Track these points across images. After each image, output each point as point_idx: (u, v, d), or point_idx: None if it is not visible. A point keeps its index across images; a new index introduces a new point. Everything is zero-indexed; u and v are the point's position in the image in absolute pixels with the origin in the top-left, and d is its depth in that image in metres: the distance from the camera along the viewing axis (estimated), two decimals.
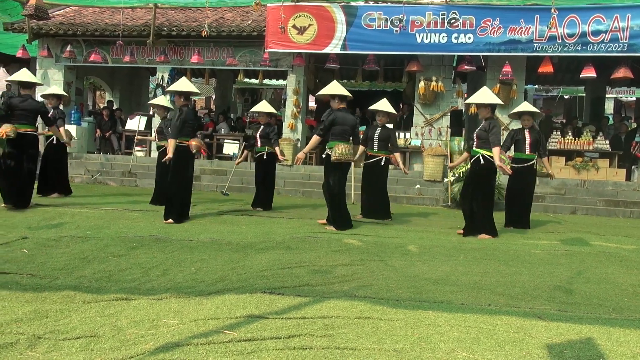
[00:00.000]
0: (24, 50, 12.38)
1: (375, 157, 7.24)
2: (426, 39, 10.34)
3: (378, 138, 7.21)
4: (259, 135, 7.93)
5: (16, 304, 3.10)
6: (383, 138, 7.22)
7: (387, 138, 7.25)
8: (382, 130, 7.26)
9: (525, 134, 6.98)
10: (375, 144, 7.22)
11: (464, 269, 4.31)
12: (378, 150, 7.23)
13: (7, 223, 5.67)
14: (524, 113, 7.06)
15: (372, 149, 7.24)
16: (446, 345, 2.59)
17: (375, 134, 7.23)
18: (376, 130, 7.27)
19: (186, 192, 6.49)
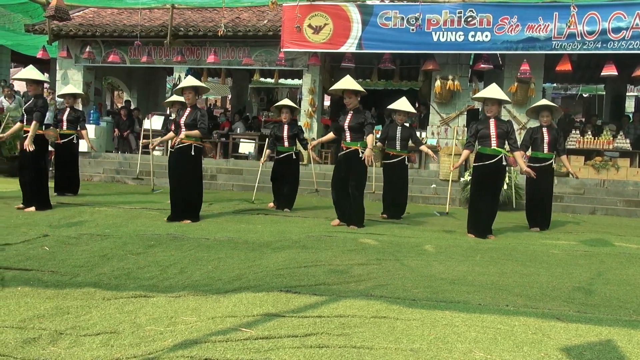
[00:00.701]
0: (44, 51, 12.61)
1: (397, 156, 7.19)
2: (442, 38, 10.27)
3: (400, 137, 7.15)
4: (287, 135, 7.69)
5: (38, 300, 3.16)
6: (405, 137, 7.18)
7: (408, 137, 7.22)
8: (403, 129, 7.22)
9: (544, 132, 6.82)
10: (397, 143, 7.17)
11: (481, 269, 4.28)
12: (401, 149, 7.18)
13: (28, 221, 5.78)
14: (543, 109, 6.90)
15: (395, 149, 7.19)
16: (463, 345, 2.57)
17: (397, 133, 7.17)
18: (397, 129, 7.20)
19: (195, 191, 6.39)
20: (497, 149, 5.90)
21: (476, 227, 5.94)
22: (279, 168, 7.76)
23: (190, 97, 6.19)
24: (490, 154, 5.91)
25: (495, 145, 5.90)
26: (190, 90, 6.19)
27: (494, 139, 5.91)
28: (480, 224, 5.92)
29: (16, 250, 4.29)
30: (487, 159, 5.90)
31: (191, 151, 6.14)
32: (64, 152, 8.30)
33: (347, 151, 6.12)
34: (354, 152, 6.06)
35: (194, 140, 6.14)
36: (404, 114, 7.21)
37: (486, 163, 5.88)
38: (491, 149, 5.91)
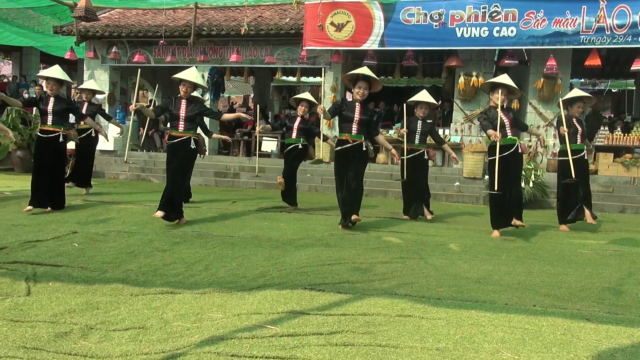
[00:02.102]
0: (72, 52, 12.89)
1: (416, 150, 6.94)
2: (466, 33, 10.14)
3: (421, 131, 6.94)
4: (297, 126, 7.40)
5: (69, 295, 3.24)
6: (425, 131, 6.97)
7: (428, 131, 7.00)
8: (424, 123, 7.00)
9: (575, 124, 6.53)
10: (417, 136, 6.94)
11: (506, 268, 4.22)
12: (419, 143, 6.96)
13: (57, 218, 5.92)
14: (577, 99, 6.56)
15: (413, 142, 6.95)
16: (490, 345, 2.54)
17: (418, 126, 6.94)
18: (417, 122, 6.96)
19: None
20: (513, 137, 5.77)
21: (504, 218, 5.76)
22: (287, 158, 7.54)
23: (187, 91, 5.86)
24: (508, 143, 5.72)
25: (510, 134, 5.76)
26: (190, 85, 5.87)
27: (508, 128, 5.74)
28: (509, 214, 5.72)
29: (47, 247, 4.40)
30: (504, 150, 5.68)
31: (190, 144, 5.83)
32: (81, 147, 8.31)
33: (353, 144, 5.76)
34: (359, 145, 5.79)
35: (192, 133, 5.87)
36: (425, 106, 6.98)
37: (505, 154, 5.67)
38: (507, 138, 5.72)
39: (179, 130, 5.81)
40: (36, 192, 6.31)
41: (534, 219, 7.31)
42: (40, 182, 6.32)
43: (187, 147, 5.82)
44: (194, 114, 5.84)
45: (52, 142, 6.41)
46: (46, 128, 6.45)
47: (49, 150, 6.41)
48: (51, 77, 6.45)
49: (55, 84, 6.50)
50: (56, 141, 6.43)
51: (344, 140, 5.79)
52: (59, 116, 6.49)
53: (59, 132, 6.44)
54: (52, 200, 6.42)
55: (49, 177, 6.38)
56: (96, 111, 8.49)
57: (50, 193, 6.40)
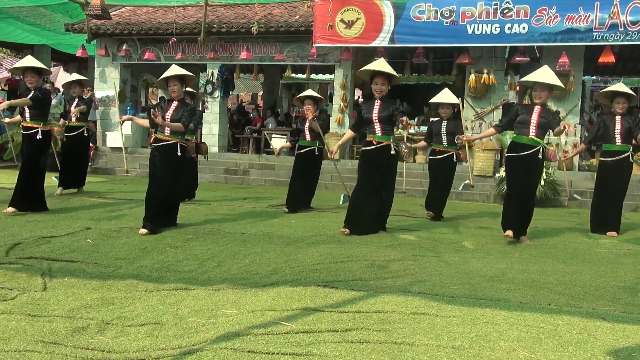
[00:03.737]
0: (83, 49, 12.97)
1: (445, 152, 6.64)
2: (477, 30, 10.05)
3: (446, 131, 6.62)
4: (308, 127, 7.03)
5: (84, 290, 3.27)
6: (451, 131, 6.64)
7: (454, 131, 6.65)
8: (449, 123, 6.68)
9: (617, 121, 5.99)
10: (443, 138, 6.64)
11: (520, 266, 4.19)
12: (448, 144, 6.64)
13: (71, 214, 5.97)
14: (619, 95, 5.99)
15: (441, 144, 6.66)
16: (506, 344, 2.53)
17: (443, 127, 6.65)
18: (442, 123, 6.68)
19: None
20: (536, 139, 5.14)
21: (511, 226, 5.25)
22: (300, 164, 7.13)
23: (176, 89, 5.27)
24: (527, 143, 5.15)
25: (533, 135, 5.13)
26: (176, 80, 5.26)
27: (533, 127, 5.11)
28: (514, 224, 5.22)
29: (61, 243, 4.45)
30: (522, 149, 5.16)
31: (176, 150, 5.24)
32: (72, 146, 7.69)
33: (377, 146, 5.28)
34: (386, 147, 5.26)
35: (179, 138, 5.26)
36: (447, 106, 6.69)
37: (521, 154, 5.15)
38: (528, 138, 5.15)
39: (165, 133, 5.22)
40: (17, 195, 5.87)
41: (545, 217, 7.26)
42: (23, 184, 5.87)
43: (172, 152, 5.22)
44: (179, 117, 5.21)
45: (30, 139, 5.94)
46: (26, 124, 6.02)
47: (27, 148, 5.96)
48: (28, 68, 5.90)
49: (33, 75, 5.92)
50: (33, 138, 5.93)
51: (369, 142, 5.37)
52: (39, 111, 6.00)
53: (37, 129, 5.94)
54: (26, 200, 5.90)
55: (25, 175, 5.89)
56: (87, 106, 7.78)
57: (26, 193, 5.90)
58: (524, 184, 5.25)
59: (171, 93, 5.33)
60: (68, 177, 7.69)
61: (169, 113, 5.24)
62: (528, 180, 5.25)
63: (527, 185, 5.27)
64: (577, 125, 10.56)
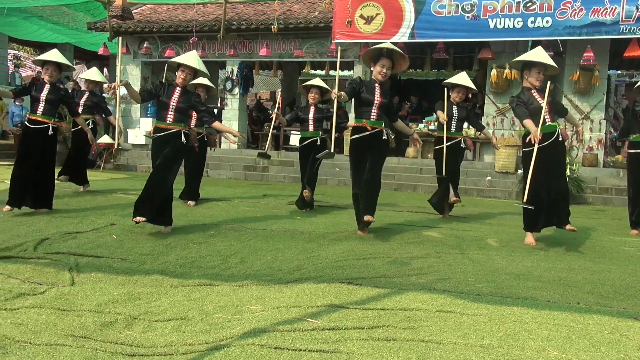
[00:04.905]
0: (105, 47, 13.16)
1: (452, 138, 6.25)
2: (499, 25, 9.92)
3: (457, 117, 6.27)
4: (312, 117, 6.64)
5: (111, 285, 3.31)
6: (462, 117, 6.29)
7: (465, 117, 6.32)
8: (460, 108, 6.31)
9: None
10: (453, 123, 6.27)
11: (546, 264, 4.12)
12: (456, 130, 6.29)
13: (95, 210, 6.05)
14: None
15: (450, 130, 6.23)
16: (535, 343, 2.48)
17: (453, 112, 6.26)
18: (453, 108, 6.27)
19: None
20: (552, 124, 4.86)
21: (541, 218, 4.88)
22: (304, 158, 6.66)
23: (187, 78, 5.01)
24: (546, 131, 4.80)
25: (549, 120, 4.84)
26: (190, 71, 4.98)
27: (546, 112, 4.81)
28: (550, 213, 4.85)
29: (87, 238, 4.51)
30: (543, 140, 4.74)
31: (180, 138, 4.93)
32: (78, 141, 7.50)
33: (372, 132, 4.95)
34: (380, 132, 4.97)
35: (182, 126, 4.95)
36: (462, 90, 6.28)
37: (545, 144, 4.73)
38: (545, 125, 4.80)
39: (167, 121, 4.90)
40: (15, 191, 5.57)
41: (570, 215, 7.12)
42: (21, 179, 5.57)
43: (175, 141, 4.90)
44: (187, 105, 4.95)
45: (39, 135, 5.65)
46: (35, 118, 5.69)
47: (35, 144, 5.65)
48: (50, 62, 5.72)
49: (54, 70, 5.75)
50: (44, 134, 5.68)
51: (362, 128, 4.98)
52: (52, 105, 5.76)
53: (48, 124, 5.70)
54: (35, 199, 5.69)
55: (32, 173, 5.63)
56: (97, 102, 7.74)
57: (35, 192, 5.67)
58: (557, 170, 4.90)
59: (178, 78, 4.98)
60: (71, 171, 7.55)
61: (174, 99, 4.90)
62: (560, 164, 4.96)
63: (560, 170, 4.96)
64: (602, 120, 10.34)
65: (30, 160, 5.64)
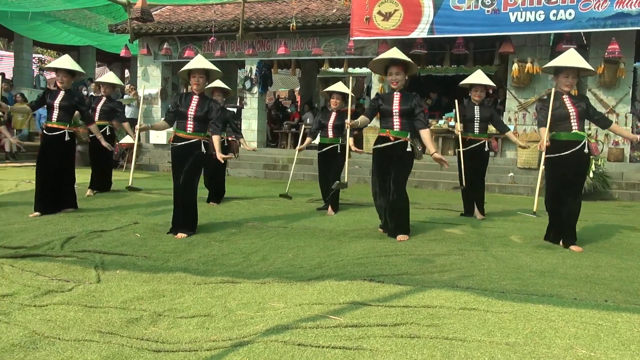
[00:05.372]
0: (126, 49, 13.34)
1: (476, 141, 5.98)
2: (520, 18, 9.76)
3: (479, 118, 5.97)
4: (332, 124, 6.39)
5: (136, 283, 3.36)
6: (484, 118, 5.99)
7: (489, 117, 6.02)
8: (483, 108, 6.04)
9: None
10: (476, 125, 5.98)
11: (572, 261, 4.04)
12: (480, 132, 6.00)
13: (119, 210, 6.15)
14: None
15: (472, 132, 6.00)
16: (563, 341, 2.44)
17: (475, 112, 5.98)
18: (474, 109, 6.01)
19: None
20: (579, 132, 4.56)
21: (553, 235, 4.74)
22: (321, 164, 6.56)
23: (201, 82, 4.85)
24: (571, 139, 4.54)
25: (576, 129, 4.55)
26: (202, 73, 4.84)
27: (574, 120, 4.53)
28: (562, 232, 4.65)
29: (111, 237, 4.59)
30: (566, 148, 4.52)
31: (200, 148, 4.84)
32: (95, 148, 7.30)
33: (395, 142, 4.79)
34: (403, 144, 4.77)
35: (202, 135, 4.87)
36: (481, 88, 6.03)
37: (565, 154, 4.52)
38: (571, 133, 4.54)
39: (187, 131, 4.82)
40: (42, 197, 5.62)
41: (596, 211, 6.99)
42: (44, 186, 5.64)
43: (196, 153, 4.82)
44: (204, 113, 4.82)
45: (56, 141, 5.66)
46: (51, 125, 5.73)
47: (53, 151, 5.68)
48: (61, 69, 5.74)
49: (65, 76, 5.77)
50: (61, 140, 5.69)
51: (384, 138, 4.85)
52: (66, 112, 5.77)
53: (64, 130, 5.72)
54: (57, 203, 5.75)
55: (51, 180, 5.67)
56: (114, 107, 7.61)
57: (55, 197, 5.73)
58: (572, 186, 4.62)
59: (193, 86, 4.87)
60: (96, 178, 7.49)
61: (192, 108, 4.82)
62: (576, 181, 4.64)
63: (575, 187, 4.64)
64: (628, 114, 10.10)
65: (49, 168, 5.69)
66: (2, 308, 2.82)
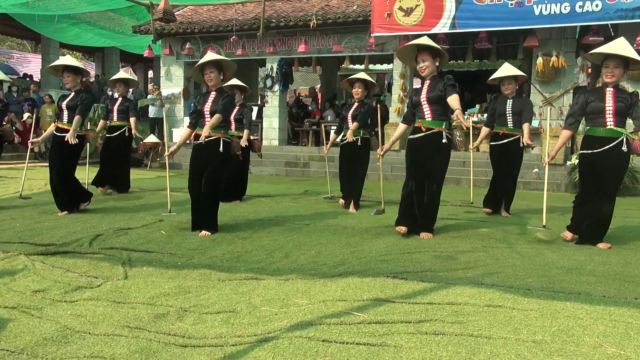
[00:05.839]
0: (149, 50, 13.56)
1: (510, 135, 5.77)
2: (545, 11, 9.57)
3: (512, 111, 5.74)
4: (352, 114, 6.19)
5: (162, 279, 3.42)
6: (518, 111, 5.73)
7: (522, 110, 5.74)
8: (515, 102, 5.78)
9: None
10: (509, 118, 5.76)
11: (600, 258, 3.96)
12: (514, 126, 5.76)
13: (144, 208, 6.26)
14: None
15: (505, 126, 5.80)
16: (591, 339, 2.40)
17: (507, 106, 5.77)
18: (507, 102, 5.80)
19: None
20: (616, 129, 4.24)
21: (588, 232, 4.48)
22: (343, 156, 6.35)
23: (213, 77, 4.74)
24: (606, 136, 4.26)
25: (612, 125, 4.25)
26: (212, 67, 4.74)
27: (610, 115, 4.24)
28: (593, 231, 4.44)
29: (137, 234, 4.67)
30: (600, 144, 4.26)
31: (218, 147, 4.73)
32: (113, 146, 7.36)
33: (427, 133, 4.53)
34: (437, 135, 4.50)
35: (222, 133, 4.76)
36: (510, 81, 5.80)
37: (599, 150, 4.26)
38: (606, 129, 4.26)
39: None
40: (57, 198, 5.71)
41: (624, 207, 6.83)
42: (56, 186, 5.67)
43: (215, 153, 4.73)
44: (217, 109, 4.71)
45: (65, 143, 5.56)
46: (61, 126, 5.73)
47: (60, 152, 5.66)
48: (66, 69, 5.64)
49: (68, 75, 5.65)
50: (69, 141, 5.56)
51: (417, 128, 4.64)
52: (73, 112, 5.66)
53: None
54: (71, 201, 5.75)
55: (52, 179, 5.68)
56: (129, 107, 7.42)
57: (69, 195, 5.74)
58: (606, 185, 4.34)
59: (207, 82, 4.80)
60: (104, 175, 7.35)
61: (208, 105, 4.76)
62: (612, 179, 4.35)
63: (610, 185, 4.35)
64: None
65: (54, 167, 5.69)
66: (35, 303, 2.90)
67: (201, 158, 4.80)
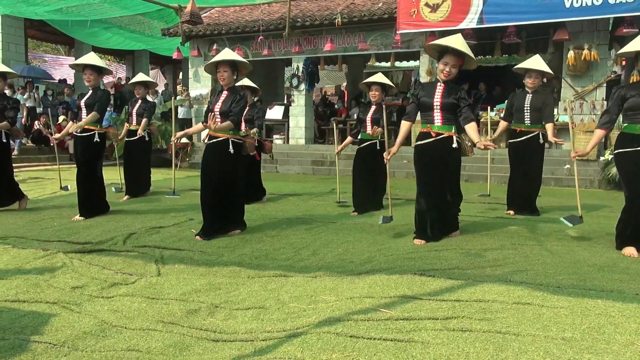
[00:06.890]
0: (178, 52, 13.82)
1: (527, 132, 5.57)
2: (576, 3, 9.35)
3: (530, 107, 5.52)
4: (371, 117, 5.89)
5: (193, 276, 3.52)
6: (537, 107, 5.49)
7: (541, 107, 5.49)
8: (535, 97, 5.54)
9: None
10: (526, 115, 5.55)
11: (633, 256, 3.87)
12: (532, 123, 5.56)
13: (175, 207, 6.41)
14: None
15: (522, 122, 5.61)
16: (623, 337, 2.37)
17: (526, 101, 5.55)
18: (526, 96, 5.58)
19: None
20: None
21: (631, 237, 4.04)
22: (359, 161, 6.09)
23: (225, 76, 4.61)
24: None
25: None
26: (226, 66, 4.60)
27: None
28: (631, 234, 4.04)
29: (169, 233, 4.80)
30: (636, 143, 3.96)
31: (228, 148, 4.60)
32: (133, 150, 7.31)
33: (436, 139, 4.28)
34: (447, 139, 4.27)
35: (231, 133, 4.61)
36: (536, 74, 5.54)
37: (636, 149, 3.95)
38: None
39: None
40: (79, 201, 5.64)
41: None
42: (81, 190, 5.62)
43: (225, 154, 4.61)
44: (227, 108, 4.59)
45: (85, 142, 5.55)
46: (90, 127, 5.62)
47: (83, 151, 5.62)
48: (87, 67, 5.50)
49: (92, 73, 5.52)
50: (90, 140, 5.55)
51: (426, 134, 4.34)
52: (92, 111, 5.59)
53: (94, 131, 5.59)
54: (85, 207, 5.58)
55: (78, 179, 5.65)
56: (148, 109, 7.32)
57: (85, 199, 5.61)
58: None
59: (220, 80, 4.68)
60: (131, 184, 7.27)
61: (218, 105, 4.66)
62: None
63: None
64: None
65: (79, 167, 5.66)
66: (74, 299, 3.03)
67: (212, 160, 4.67)
